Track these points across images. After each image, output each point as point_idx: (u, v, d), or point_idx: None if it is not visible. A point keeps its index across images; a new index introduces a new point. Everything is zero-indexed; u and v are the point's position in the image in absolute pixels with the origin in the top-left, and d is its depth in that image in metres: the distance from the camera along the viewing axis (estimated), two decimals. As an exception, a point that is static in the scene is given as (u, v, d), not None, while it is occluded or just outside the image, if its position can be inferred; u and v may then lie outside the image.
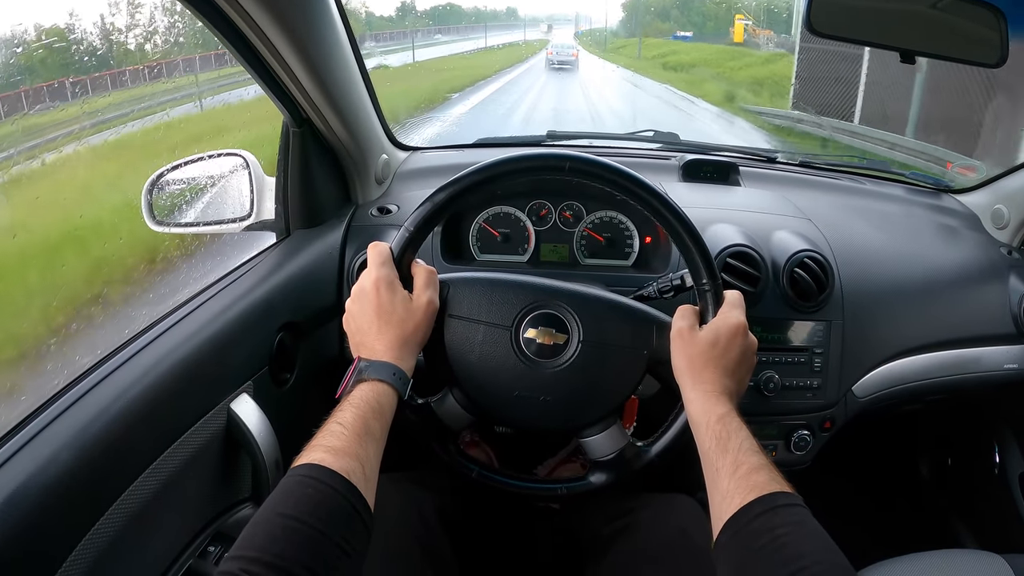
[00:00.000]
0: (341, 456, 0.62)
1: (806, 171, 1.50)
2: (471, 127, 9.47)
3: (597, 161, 0.80)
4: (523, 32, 28.69)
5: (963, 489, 1.56)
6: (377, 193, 1.27)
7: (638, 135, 1.52)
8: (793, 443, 1.13)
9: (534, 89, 16.21)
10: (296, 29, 0.89)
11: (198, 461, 0.83)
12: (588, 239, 1.24)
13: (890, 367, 1.16)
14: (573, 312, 0.83)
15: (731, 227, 1.14)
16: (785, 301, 1.10)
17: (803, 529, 0.59)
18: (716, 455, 0.68)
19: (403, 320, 0.76)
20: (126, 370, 0.77)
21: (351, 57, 1.07)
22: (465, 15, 30.16)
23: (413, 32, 21.11)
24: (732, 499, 0.63)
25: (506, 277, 0.85)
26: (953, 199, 1.47)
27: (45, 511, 0.62)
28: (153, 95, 2.31)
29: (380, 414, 0.69)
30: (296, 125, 1.07)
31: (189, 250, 1.95)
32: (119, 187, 1.80)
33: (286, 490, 0.59)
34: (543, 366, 0.82)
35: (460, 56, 21.23)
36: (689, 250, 0.80)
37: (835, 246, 1.16)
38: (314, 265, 1.09)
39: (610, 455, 0.85)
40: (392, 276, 0.78)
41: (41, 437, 0.67)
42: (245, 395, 0.91)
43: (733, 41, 20.96)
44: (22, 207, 1.40)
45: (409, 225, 0.80)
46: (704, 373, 0.75)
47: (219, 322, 0.89)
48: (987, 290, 1.24)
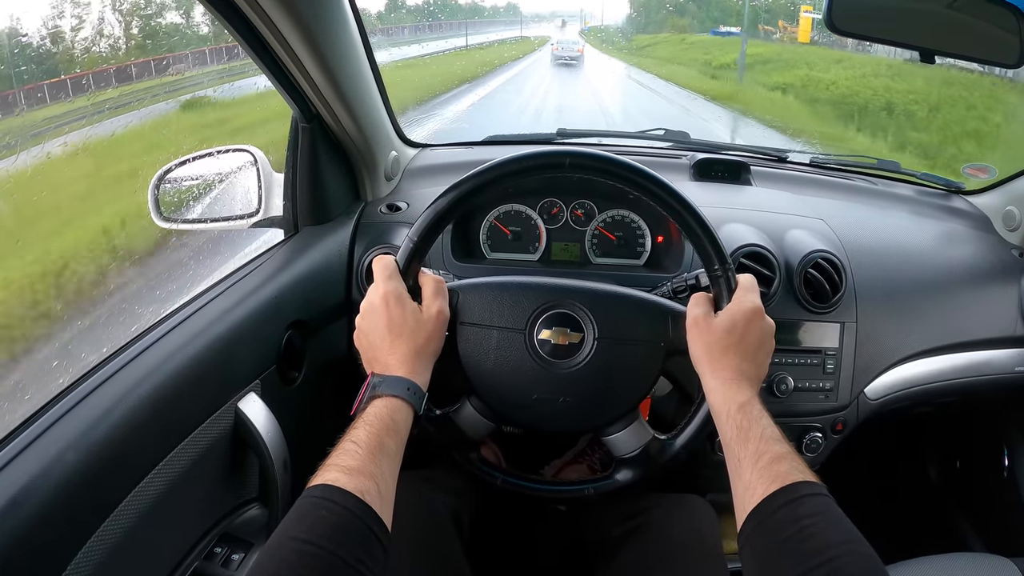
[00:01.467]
0: (355, 476, 0.61)
1: (817, 171, 1.49)
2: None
3: (597, 155, 0.79)
4: (520, 29, 27.26)
5: (971, 492, 1.56)
6: (387, 190, 1.26)
7: (649, 133, 1.51)
8: (805, 445, 1.12)
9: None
10: (309, 23, 0.88)
11: (205, 461, 0.82)
12: (600, 238, 1.23)
13: (902, 369, 1.15)
14: (586, 309, 0.81)
15: (744, 227, 1.13)
16: (798, 302, 1.09)
17: (828, 519, 0.58)
18: (738, 445, 0.67)
19: (414, 333, 0.75)
20: (132, 369, 0.76)
21: (362, 52, 1.05)
22: (461, 10, 27.82)
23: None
24: (755, 489, 0.62)
25: (516, 280, 0.84)
26: (964, 200, 1.46)
27: (51, 511, 0.61)
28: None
29: (395, 431, 0.68)
30: (306, 120, 1.06)
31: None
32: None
33: (300, 513, 0.58)
34: (560, 367, 0.81)
35: (415, 61, 14.24)
36: (698, 237, 0.79)
37: (848, 247, 1.15)
38: (323, 262, 1.08)
39: (635, 451, 0.83)
40: (400, 289, 0.77)
41: (46, 436, 0.66)
42: (253, 394, 0.90)
43: (797, 40, 16.00)
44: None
45: (413, 235, 0.79)
46: (723, 360, 0.74)
47: (227, 320, 0.88)
48: (998, 293, 1.23)
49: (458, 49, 12.02)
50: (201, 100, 3.22)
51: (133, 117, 2.37)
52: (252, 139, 1.13)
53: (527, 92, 12.77)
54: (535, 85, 13.79)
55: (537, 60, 17.82)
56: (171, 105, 3.00)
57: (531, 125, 8.93)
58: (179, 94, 3.14)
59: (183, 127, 2.99)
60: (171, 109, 2.96)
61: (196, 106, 3.16)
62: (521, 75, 15.49)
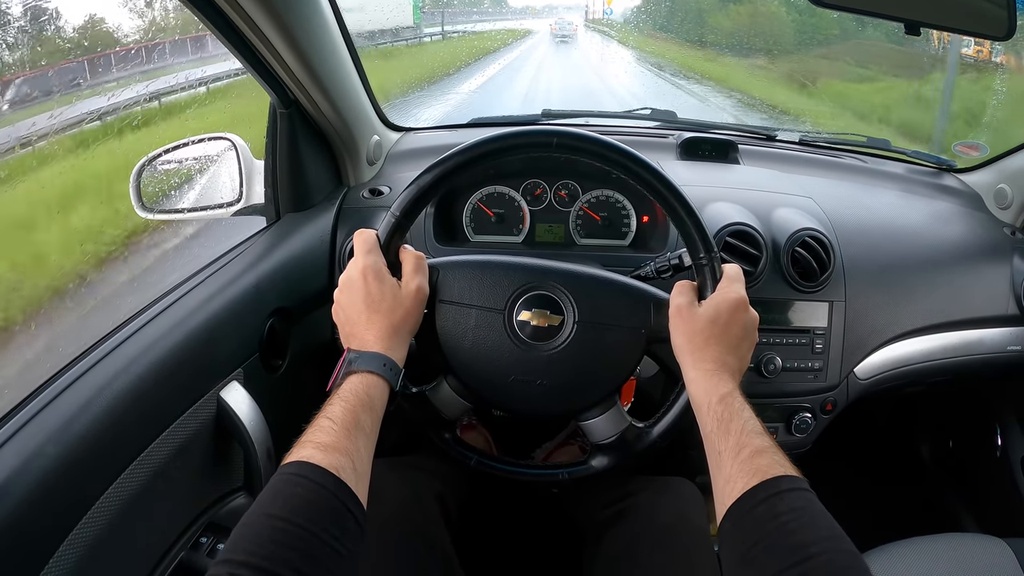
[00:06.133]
0: (330, 452, 0.60)
1: (806, 149, 1.47)
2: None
3: (585, 135, 0.78)
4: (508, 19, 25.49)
5: (965, 472, 1.56)
6: (369, 175, 1.25)
7: (635, 113, 1.49)
8: (794, 426, 1.12)
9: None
10: (280, 8, 0.86)
11: (188, 451, 0.81)
12: (584, 218, 1.22)
13: (892, 349, 1.15)
14: (567, 292, 0.81)
15: (730, 205, 1.12)
16: (786, 281, 1.08)
17: (808, 515, 0.58)
18: (718, 437, 0.66)
19: (392, 309, 0.74)
20: (112, 360, 0.75)
21: (338, 36, 1.04)
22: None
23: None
24: (735, 483, 0.61)
25: (497, 259, 0.83)
26: (955, 178, 1.45)
27: (32, 505, 0.61)
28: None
29: (370, 407, 0.68)
30: (284, 106, 1.04)
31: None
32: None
33: (275, 490, 0.58)
34: (539, 349, 0.80)
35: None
36: (684, 223, 0.78)
37: (836, 225, 1.14)
38: (305, 249, 1.07)
39: (611, 438, 0.83)
40: (380, 264, 0.76)
41: (25, 430, 0.65)
42: (235, 383, 0.89)
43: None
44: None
45: (395, 210, 0.78)
46: (705, 351, 0.73)
47: (208, 309, 0.88)
48: (990, 271, 1.22)
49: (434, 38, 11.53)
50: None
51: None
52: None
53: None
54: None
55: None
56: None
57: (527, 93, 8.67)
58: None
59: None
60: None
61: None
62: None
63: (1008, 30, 0.91)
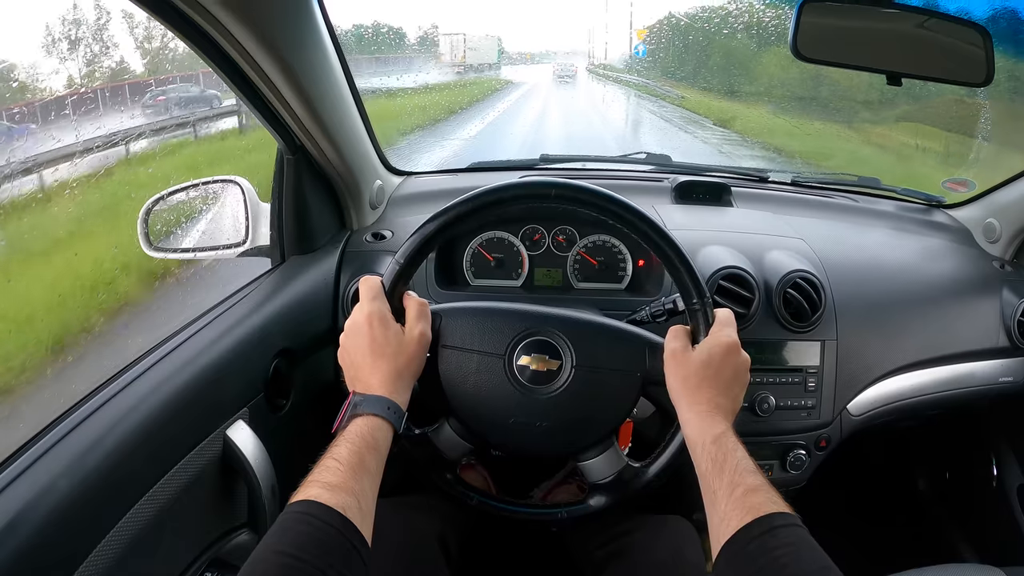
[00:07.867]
0: (337, 492, 0.62)
1: (798, 190, 1.50)
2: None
3: (583, 187, 0.81)
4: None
5: (961, 502, 1.56)
6: (372, 219, 1.28)
7: (630, 157, 1.53)
8: (789, 463, 1.13)
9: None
10: (289, 60, 0.90)
11: (195, 488, 0.83)
12: (582, 263, 1.24)
13: (884, 384, 1.16)
14: (565, 337, 0.83)
15: (724, 248, 1.14)
16: (778, 322, 1.10)
17: (800, 549, 0.59)
18: (713, 476, 0.68)
19: (396, 354, 0.77)
20: (122, 398, 0.77)
21: (343, 83, 1.07)
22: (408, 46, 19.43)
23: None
24: (729, 521, 0.63)
25: (497, 306, 0.86)
26: (945, 214, 1.47)
27: (43, 539, 0.62)
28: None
29: (375, 448, 0.70)
30: (290, 152, 1.07)
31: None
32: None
33: (283, 527, 0.59)
34: (538, 392, 0.82)
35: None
36: (677, 270, 0.81)
37: (828, 265, 1.17)
38: (309, 291, 1.10)
39: (608, 477, 0.85)
40: (384, 310, 0.79)
41: (39, 464, 0.67)
42: (241, 422, 0.91)
43: None
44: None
45: (399, 258, 0.81)
46: (698, 393, 0.75)
47: (215, 350, 0.89)
48: (980, 304, 1.24)
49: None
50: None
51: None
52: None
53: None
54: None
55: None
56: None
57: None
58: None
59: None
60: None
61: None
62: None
63: (987, 76, 0.94)
